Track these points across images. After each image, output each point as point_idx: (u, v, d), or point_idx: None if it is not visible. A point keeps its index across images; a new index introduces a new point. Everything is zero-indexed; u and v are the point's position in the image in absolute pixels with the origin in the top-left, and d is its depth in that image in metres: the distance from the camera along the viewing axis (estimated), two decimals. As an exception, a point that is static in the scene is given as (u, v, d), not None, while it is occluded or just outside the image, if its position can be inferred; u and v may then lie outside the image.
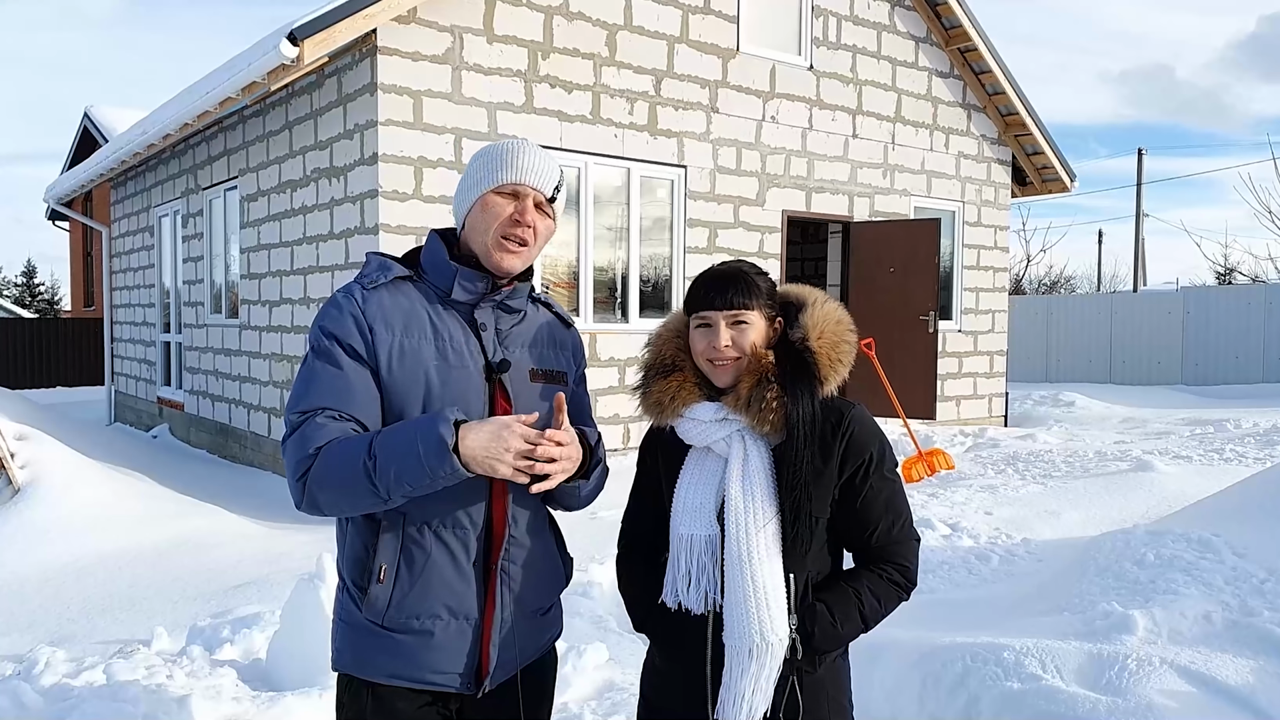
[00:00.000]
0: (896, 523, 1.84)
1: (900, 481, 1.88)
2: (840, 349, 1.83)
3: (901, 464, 8.20)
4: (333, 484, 1.63)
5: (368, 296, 1.76)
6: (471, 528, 1.75)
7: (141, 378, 12.69)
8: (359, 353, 1.72)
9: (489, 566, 1.78)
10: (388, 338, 1.73)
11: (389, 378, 1.72)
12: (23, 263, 63.56)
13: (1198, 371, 16.67)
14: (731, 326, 1.80)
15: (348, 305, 1.75)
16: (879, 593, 1.82)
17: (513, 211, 1.78)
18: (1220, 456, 8.38)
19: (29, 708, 3.39)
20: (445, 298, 1.80)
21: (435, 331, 1.77)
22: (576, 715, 3.51)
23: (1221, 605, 3.58)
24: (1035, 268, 38.24)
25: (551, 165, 1.84)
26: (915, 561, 1.87)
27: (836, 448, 1.80)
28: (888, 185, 10.52)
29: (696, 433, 1.83)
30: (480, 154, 1.86)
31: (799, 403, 1.77)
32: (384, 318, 1.74)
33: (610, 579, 5.23)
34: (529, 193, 1.80)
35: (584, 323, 8.30)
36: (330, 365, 1.71)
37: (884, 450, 1.85)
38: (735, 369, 1.81)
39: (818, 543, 1.82)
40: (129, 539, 6.09)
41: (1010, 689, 3.12)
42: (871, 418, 1.87)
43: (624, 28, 8.39)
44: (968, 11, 10.62)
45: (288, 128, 8.51)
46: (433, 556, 1.73)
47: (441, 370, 1.74)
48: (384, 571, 1.71)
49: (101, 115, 17.85)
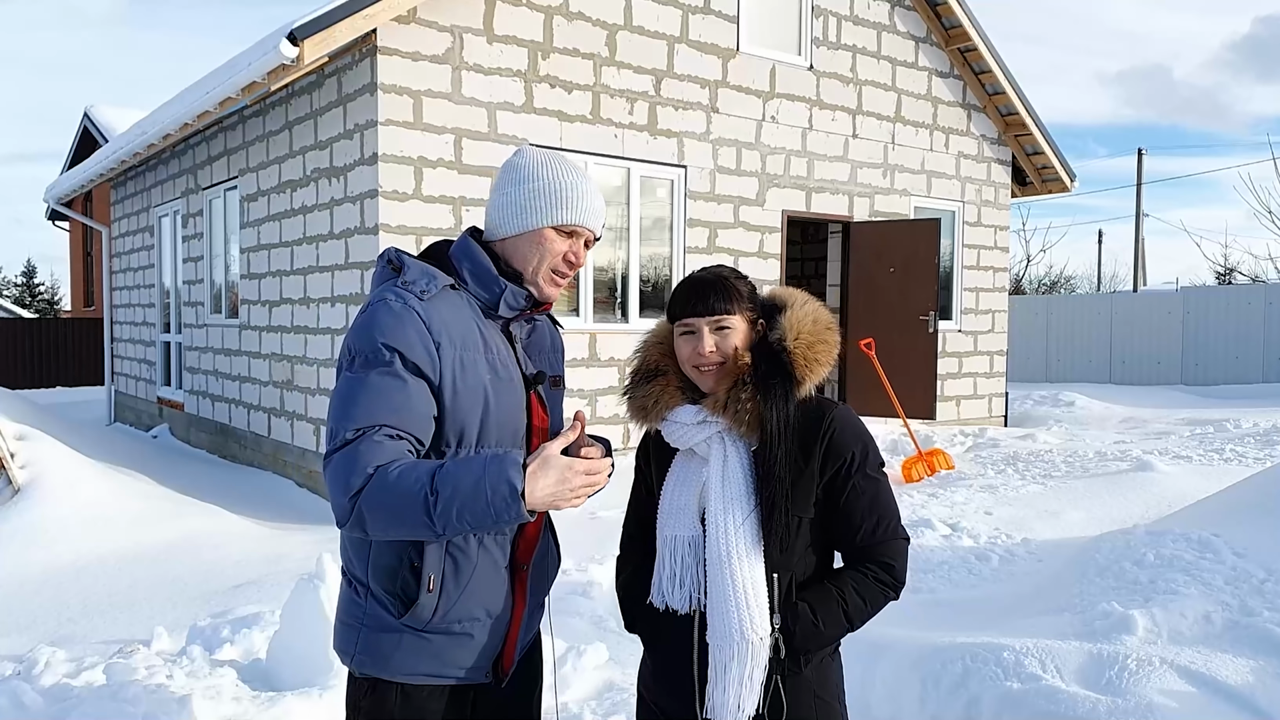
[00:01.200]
0: (882, 523, 1.84)
1: (886, 481, 1.88)
2: (817, 349, 1.84)
3: (901, 464, 8.20)
4: (386, 511, 1.56)
5: (429, 309, 1.69)
6: (509, 532, 1.79)
7: (141, 378, 12.69)
8: (421, 368, 1.65)
9: (517, 565, 1.82)
10: (451, 352, 1.69)
11: (452, 393, 1.68)
12: (23, 263, 63.64)
13: (1197, 371, 16.67)
14: (715, 332, 1.83)
15: (408, 317, 1.66)
16: (864, 592, 1.82)
17: (567, 250, 1.81)
18: (1220, 456, 8.38)
19: (29, 708, 3.39)
20: (490, 311, 1.81)
21: (485, 345, 1.76)
22: (576, 715, 3.51)
23: (1221, 605, 3.58)
24: (1035, 268, 38.31)
25: (603, 204, 1.87)
26: (903, 561, 1.87)
27: (818, 448, 1.82)
28: (888, 185, 10.52)
29: (679, 435, 1.86)
30: (541, 178, 1.80)
31: (773, 402, 1.79)
32: (447, 332, 1.69)
33: (610, 579, 5.23)
34: (585, 234, 1.83)
35: (584, 323, 8.30)
36: (390, 379, 1.63)
37: (867, 450, 1.85)
38: (720, 373, 1.83)
39: (802, 543, 1.83)
40: (129, 539, 6.09)
41: (1010, 689, 3.12)
42: (855, 418, 1.88)
43: (624, 28, 8.39)
44: (967, 11, 10.62)
45: (288, 128, 8.51)
46: (478, 563, 1.74)
47: (495, 385, 1.74)
48: (432, 581, 1.70)
49: (101, 115, 17.85)
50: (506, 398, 1.76)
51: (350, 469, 1.58)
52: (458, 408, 1.69)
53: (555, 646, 3.91)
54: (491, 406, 1.72)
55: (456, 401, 1.69)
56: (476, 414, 1.71)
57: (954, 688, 3.23)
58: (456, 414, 1.69)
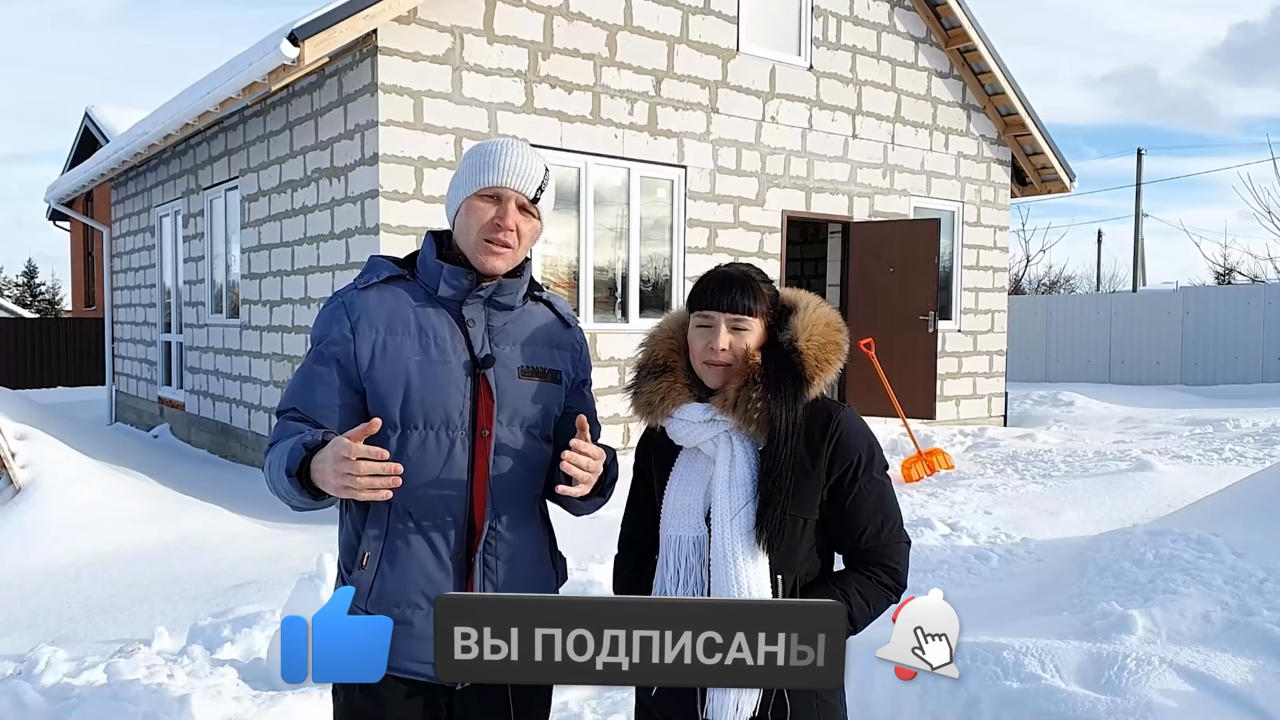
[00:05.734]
0: (886, 525, 1.84)
1: (890, 484, 1.88)
2: (827, 350, 1.85)
3: (901, 464, 8.20)
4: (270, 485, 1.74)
5: (355, 298, 1.83)
6: (452, 520, 1.80)
7: (142, 377, 12.69)
8: (337, 354, 1.80)
9: (469, 559, 1.81)
10: (370, 335, 1.80)
11: (371, 374, 1.79)
12: (23, 263, 63.54)
13: (1197, 371, 16.67)
14: (732, 331, 1.82)
15: (334, 309, 1.84)
16: (867, 594, 1.81)
17: (494, 215, 1.81)
18: (1219, 456, 8.39)
19: (30, 707, 3.40)
20: (434, 295, 1.85)
21: (420, 328, 1.82)
22: (576, 715, 3.52)
23: (1220, 605, 3.59)
24: (1035, 268, 38.28)
25: (534, 165, 1.84)
26: (905, 564, 1.86)
27: (825, 449, 1.82)
28: (887, 185, 10.53)
29: (685, 433, 1.85)
30: (467, 154, 1.89)
31: (782, 403, 1.78)
32: (368, 317, 1.81)
33: (610, 579, 5.23)
34: (511, 195, 1.82)
35: (584, 323, 8.30)
36: (308, 370, 1.82)
37: (873, 452, 1.86)
38: (727, 373, 1.83)
39: (806, 545, 1.83)
40: (130, 539, 6.10)
41: (1010, 688, 3.12)
42: (861, 420, 1.88)
43: (624, 28, 8.39)
44: (967, 12, 10.62)
45: (288, 128, 8.52)
46: (413, 546, 1.78)
47: (423, 366, 1.79)
48: (366, 558, 1.78)
49: (102, 115, 17.85)
50: (436, 380, 1.78)
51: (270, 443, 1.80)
52: (377, 388, 1.78)
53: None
54: (414, 386, 1.77)
55: (375, 381, 1.78)
56: (397, 394, 1.77)
57: (953, 687, 3.24)
58: (375, 393, 1.78)
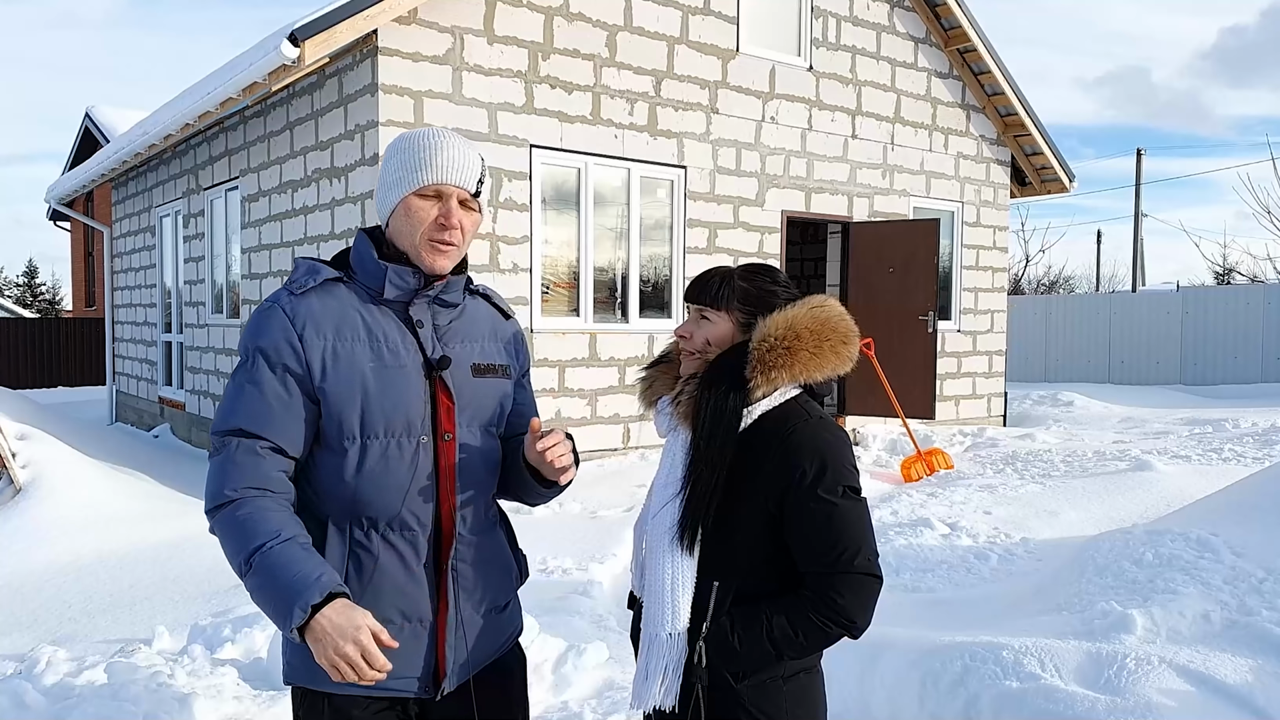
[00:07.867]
0: (834, 552, 1.65)
1: (855, 508, 1.68)
2: (780, 355, 1.73)
3: (901, 464, 8.20)
4: (223, 543, 1.63)
5: (295, 303, 1.69)
6: (420, 529, 1.71)
7: (143, 377, 12.70)
8: (287, 366, 1.66)
9: (440, 567, 1.74)
10: (319, 343, 1.67)
11: (324, 385, 1.67)
12: (24, 263, 63.48)
13: (1196, 371, 16.68)
14: (695, 321, 1.87)
15: (274, 315, 1.68)
16: (796, 623, 1.66)
17: (438, 215, 1.72)
18: (1219, 456, 8.39)
19: (30, 707, 3.40)
20: (378, 297, 1.74)
21: (369, 332, 1.71)
22: (577, 714, 3.52)
23: (1220, 604, 3.59)
24: (1034, 268, 38.29)
25: (471, 157, 1.75)
26: (856, 599, 1.65)
27: (767, 457, 1.72)
28: (887, 185, 10.53)
29: (658, 423, 1.91)
30: (396, 148, 1.76)
31: (709, 399, 1.75)
32: (314, 323, 1.68)
33: (610, 578, 5.24)
34: (453, 192, 1.73)
35: (584, 322, 8.32)
36: (250, 384, 1.67)
37: (824, 469, 1.67)
38: (693, 363, 1.86)
39: (753, 556, 1.73)
40: (130, 538, 6.10)
41: (1009, 688, 3.13)
42: (825, 435, 1.72)
43: (624, 28, 8.40)
44: (967, 12, 10.63)
45: (289, 128, 8.52)
46: (381, 560, 1.69)
47: (378, 372, 1.69)
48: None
49: (102, 115, 17.86)
50: (394, 385, 1.69)
51: (216, 483, 1.64)
52: (332, 398, 1.67)
53: (555, 646, 3.93)
54: (372, 394, 1.68)
55: (330, 391, 1.67)
56: (355, 402, 1.67)
57: (953, 687, 3.24)
58: (331, 404, 1.67)
